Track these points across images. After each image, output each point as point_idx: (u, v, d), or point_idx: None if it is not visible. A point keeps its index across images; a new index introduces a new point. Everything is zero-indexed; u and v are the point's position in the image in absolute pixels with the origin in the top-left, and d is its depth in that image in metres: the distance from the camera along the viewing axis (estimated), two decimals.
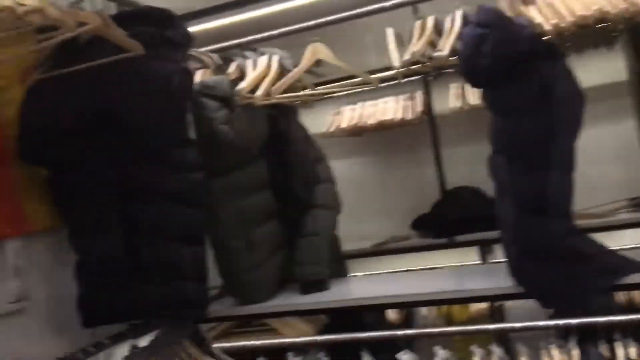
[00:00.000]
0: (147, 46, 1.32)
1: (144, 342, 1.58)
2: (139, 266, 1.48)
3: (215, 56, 1.95)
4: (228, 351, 1.82)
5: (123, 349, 1.55)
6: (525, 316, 1.83)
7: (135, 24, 1.41)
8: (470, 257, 2.96)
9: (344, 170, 2.27)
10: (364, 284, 2.09)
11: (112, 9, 1.76)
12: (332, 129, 3.23)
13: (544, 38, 1.43)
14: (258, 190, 1.82)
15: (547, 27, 1.42)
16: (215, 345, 1.79)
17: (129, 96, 1.41)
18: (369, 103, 3.26)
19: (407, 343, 2.36)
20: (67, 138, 1.40)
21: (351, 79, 2.03)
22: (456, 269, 2.49)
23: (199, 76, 1.88)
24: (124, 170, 1.45)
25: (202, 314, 1.63)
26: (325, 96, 2.08)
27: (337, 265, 2.00)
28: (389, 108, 3.16)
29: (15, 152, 1.40)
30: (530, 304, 1.53)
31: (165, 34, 1.47)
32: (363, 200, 3.11)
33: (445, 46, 1.59)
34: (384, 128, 3.20)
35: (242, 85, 1.75)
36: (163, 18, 1.50)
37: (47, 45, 1.21)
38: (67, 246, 1.50)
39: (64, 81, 1.34)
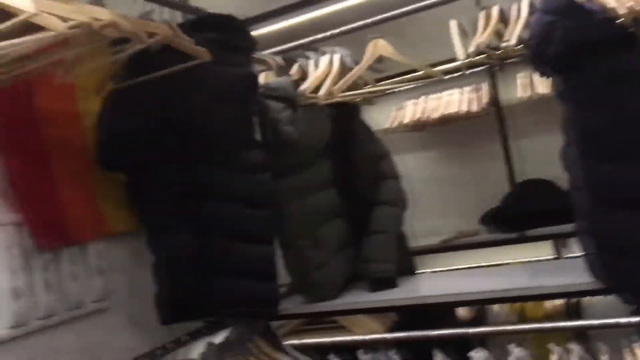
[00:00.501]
0: (213, 52, 1.37)
1: (218, 338, 1.63)
2: (211, 265, 1.52)
3: (277, 58, 1.98)
4: (298, 348, 1.84)
5: (200, 346, 1.61)
6: (604, 313, 1.75)
7: (201, 31, 1.46)
8: (543, 252, 2.85)
9: (408, 166, 2.24)
10: (432, 281, 2.06)
11: (178, 17, 1.82)
12: (394, 125, 3.20)
13: (617, 22, 1.36)
14: (323, 189, 1.83)
15: (621, 10, 1.34)
16: (286, 342, 1.82)
17: (197, 101, 1.45)
18: (432, 97, 3.20)
19: (480, 341, 2.31)
20: (141, 144, 1.46)
21: (413, 73, 2.00)
22: (529, 265, 2.41)
23: (262, 78, 1.92)
24: (193, 172, 1.50)
25: (271, 312, 1.66)
26: (388, 92, 2.06)
27: (405, 262, 1.99)
28: (453, 101, 3.09)
29: (94, 159, 1.48)
30: (609, 299, 1.46)
31: (230, 40, 1.51)
32: (429, 196, 3.06)
33: (512, 35, 1.54)
34: (448, 122, 3.14)
35: (305, 85, 1.76)
36: (228, 24, 1.54)
37: (121, 56, 1.27)
38: (144, 247, 1.57)
39: (137, 90, 1.40)
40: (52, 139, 1.40)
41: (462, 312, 3.02)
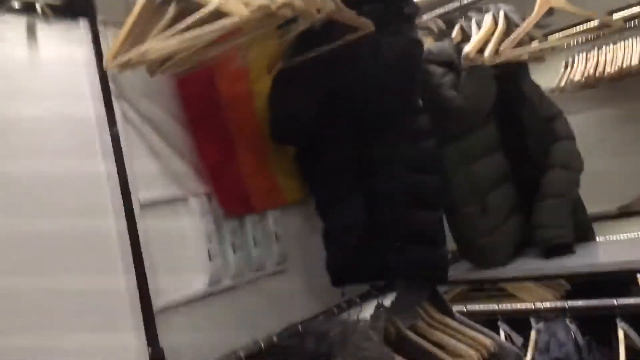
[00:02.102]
0: (377, 22, 1.38)
1: (387, 301, 1.69)
2: (379, 231, 1.57)
3: (438, 21, 1.94)
4: (466, 314, 1.83)
5: (370, 307, 1.68)
6: None
7: (362, 3, 1.48)
8: None
9: (579, 126, 2.08)
10: (610, 248, 1.91)
11: None
12: (564, 83, 2.96)
13: None
14: (490, 154, 1.78)
15: None
16: (454, 307, 1.81)
17: (362, 72, 1.49)
18: (606, 49, 2.90)
19: None
20: (311, 118, 1.54)
21: (583, 24, 1.84)
22: None
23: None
24: (362, 142, 1.54)
25: (440, 277, 1.67)
26: (557, 47, 1.92)
27: (582, 227, 1.87)
28: (633, 52, 2.78)
29: (269, 134, 1.59)
30: None
31: (391, 8, 1.51)
32: (603, 158, 2.81)
33: None
34: (625, 76, 2.83)
35: (468, 47, 1.71)
36: None
37: (290, 35, 1.33)
38: (314, 215, 1.67)
39: (304, 67, 1.47)
40: (232, 117, 1.53)
41: None
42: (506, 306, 1.92)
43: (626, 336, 1.71)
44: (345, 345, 1.43)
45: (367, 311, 1.69)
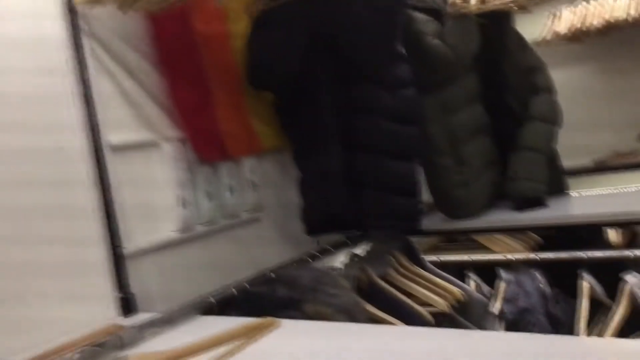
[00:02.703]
0: None
1: (360, 250, 1.70)
2: (356, 181, 1.56)
3: None
4: (437, 264, 1.86)
5: (342, 256, 1.70)
6: None
7: None
8: None
9: (562, 79, 2.07)
10: (584, 202, 1.93)
11: None
12: (548, 36, 2.92)
13: None
14: (470, 105, 1.76)
15: None
16: (425, 257, 1.84)
17: (345, 16, 1.43)
18: (593, 3, 2.85)
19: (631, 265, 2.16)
20: (291, 62, 1.49)
21: None
22: None
23: None
24: (341, 90, 1.51)
25: (414, 227, 1.68)
26: None
27: (556, 181, 1.88)
28: (619, 5, 2.73)
29: (245, 79, 1.54)
30: None
31: None
32: (584, 112, 2.82)
33: None
34: (611, 30, 2.80)
35: None
36: None
37: None
38: (290, 164, 1.65)
39: (284, 10, 1.41)
40: (208, 59, 1.48)
41: (612, 237, 2.84)
42: (477, 257, 1.96)
43: (591, 289, 1.76)
44: (317, 291, 1.45)
45: (340, 260, 1.71)
